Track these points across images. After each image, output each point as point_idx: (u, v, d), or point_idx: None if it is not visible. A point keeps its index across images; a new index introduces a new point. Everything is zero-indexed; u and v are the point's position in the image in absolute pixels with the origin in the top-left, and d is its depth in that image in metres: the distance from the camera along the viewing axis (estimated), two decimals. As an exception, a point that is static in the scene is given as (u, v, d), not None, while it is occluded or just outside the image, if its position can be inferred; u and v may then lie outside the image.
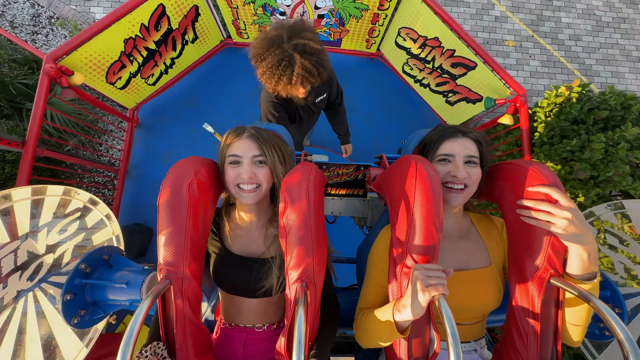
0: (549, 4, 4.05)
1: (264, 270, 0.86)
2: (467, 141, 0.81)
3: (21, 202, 0.92)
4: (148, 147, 2.86)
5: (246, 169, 0.80)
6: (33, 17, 3.48)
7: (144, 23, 2.16)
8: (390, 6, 2.40)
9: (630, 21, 4.11)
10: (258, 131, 0.85)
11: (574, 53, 3.94)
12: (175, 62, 2.69)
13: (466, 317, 0.83)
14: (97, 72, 2.19)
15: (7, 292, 0.82)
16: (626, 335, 0.52)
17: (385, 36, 2.81)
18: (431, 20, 2.30)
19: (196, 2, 2.35)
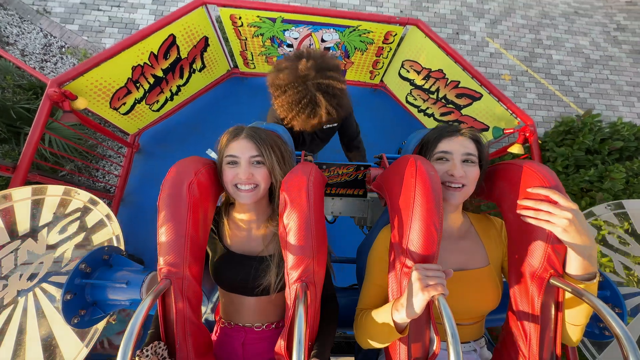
0: (540, 43, 4.29)
1: (262, 268, 0.86)
2: (464, 139, 0.81)
3: (21, 202, 0.91)
4: (146, 174, 2.77)
5: (243, 169, 0.80)
6: (44, 47, 3.57)
7: (153, 51, 2.19)
8: (394, 40, 2.48)
9: (617, 59, 4.34)
10: (256, 131, 0.84)
11: (567, 87, 4.09)
12: (182, 89, 2.70)
13: (465, 318, 0.83)
14: (101, 97, 2.16)
15: (8, 292, 0.81)
16: (626, 335, 0.52)
17: (389, 68, 2.88)
18: (435, 54, 2.37)
19: (206, 33, 2.42)
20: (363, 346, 0.79)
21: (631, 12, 4.71)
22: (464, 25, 4.22)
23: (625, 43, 4.46)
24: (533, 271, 0.69)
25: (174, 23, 2.13)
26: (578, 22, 4.52)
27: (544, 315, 0.68)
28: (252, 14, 2.26)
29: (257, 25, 2.38)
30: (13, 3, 3.71)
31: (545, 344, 0.69)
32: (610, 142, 1.76)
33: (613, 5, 4.74)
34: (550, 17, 4.49)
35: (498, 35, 4.23)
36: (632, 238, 1.05)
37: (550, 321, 0.69)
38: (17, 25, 3.63)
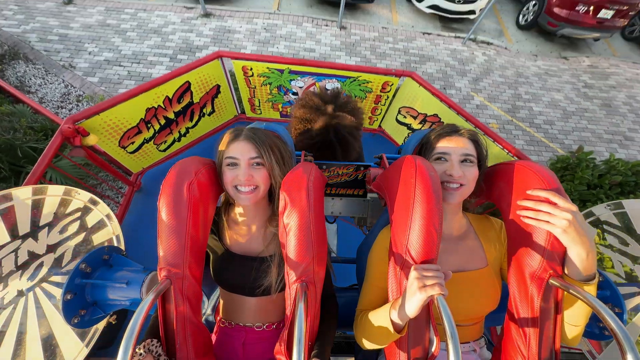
0: (519, 97, 4.74)
1: (262, 269, 0.86)
2: (463, 140, 0.81)
3: (22, 202, 0.90)
4: (144, 213, 2.68)
5: (243, 171, 0.79)
6: (63, 95, 3.82)
7: (168, 95, 2.34)
8: (391, 89, 2.72)
9: (591, 111, 4.76)
10: (256, 132, 0.84)
11: (552, 134, 4.38)
12: (190, 131, 2.81)
13: (464, 319, 0.83)
14: (112, 135, 2.23)
15: (8, 291, 0.81)
16: (624, 335, 0.52)
17: (387, 114, 3.09)
18: (430, 100, 2.57)
19: (219, 81, 2.63)
20: (363, 347, 0.78)
21: (594, 73, 5.35)
22: (449, 82, 4.70)
23: (596, 98, 4.95)
24: (532, 271, 0.69)
25: (191, 72, 2.33)
26: (550, 81, 5.08)
27: (543, 315, 0.68)
28: (263, 65, 2.50)
29: (266, 76, 2.61)
30: (42, 59, 4.08)
31: (544, 344, 0.69)
32: (609, 177, 1.81)
33: (577, 68, 5.40)
34: (525, 76, 5.05)
35: (481, 90, 4.68)
36: (632, 238, 1.05)
37: (549, 321, 0.69)
38: (41, 77, 3.93)
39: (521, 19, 5.89)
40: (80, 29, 4.45)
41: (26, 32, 4.30)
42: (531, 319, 0.69)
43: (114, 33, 4.47)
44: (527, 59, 5.36)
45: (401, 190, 0.73)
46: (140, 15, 4.75)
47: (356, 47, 4.88)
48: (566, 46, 5.83)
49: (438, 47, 5.14)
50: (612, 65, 5.50)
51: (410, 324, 0.66)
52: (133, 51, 4.31)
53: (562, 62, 5.47)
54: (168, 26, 4.66)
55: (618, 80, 5.26)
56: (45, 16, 4.53)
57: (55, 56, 4.13)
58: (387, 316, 0.66)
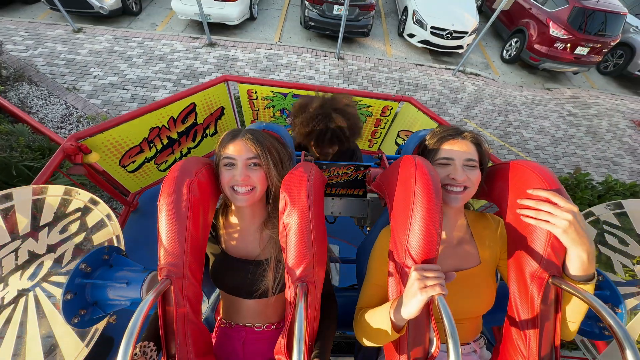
0: (509, 124, 4.96)
1: (259, 273, 0.86)
2: (466, 143, 0.81)
3: (22, 202, 0.90)
4: (139, 234, 2.58)
5: (240, 171, 0.79)
6: (64, 116, 3.84)
7: (173, 116, 2.37)
8: (391, 113, 2.82)
9: (578, 138, 4.98)
10: (254, 133, 0.84)
11: (543, 159, 4.52)
12: (192, 151, 2.81)
13: (459, 318, 0.82)
14: (113, 154, 2.21)
15: (8, 291, 0.81)
16: (624, 334, 0.52)
17: (386, 137, 3.17)
18: (428, 124, 2.66)
19: (223, 104, 2.69)
20: (363, 344, 0.78)
21: (577, 102, 5.68)
22: (443, 109, 4.92)
23: (581, 125, 5.21)
24: (533, 271, 0.69)
25: (198, 94, 2.39)
26: (537, 109, 5.36)
27: (543, 315, 0.68)
28: (267, 89, 2.59)
29: (270, 99, 2.69)
30: (46, 81, 4.15)
31: (544, 344, 0.69)
32: (608, 197, 1.84)
33: (560, 98, 5.74)
34: (513, 104, 5.33)
35: (473, 117, 4.89)
36: (632, 238, 1.05)
37: (549, 321, 0.69)
38: (43, 98, 3.97)
39: (505, 54, 6.35)
40: (88, 54, 4.60)
41: (33, 56, 4.42)
42: (531, 319, 0.69)
43: (120, 59, 4.63)
44: (514, 90, 5.69)
45: (401, 190, 0.74)
46: (147, 43, 4.96)
47: (353, 75, 5.13)
48: (548, 78, 6.25)
49: (430, 77, 5.44)
50: (592, 96, 5.87)
51: (410, 324, 0.65)
52: (138, 76, 4.44)
53: (546, 92, 5.82)
54: (173, 54, 4.86)
55: (599, 110, 5.58)
56: (54, 42, 4.68)
57: (60, 79, 4.21)
58: (387, 316, 0.66)
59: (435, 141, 0.85)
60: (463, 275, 0.83)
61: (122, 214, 2.56)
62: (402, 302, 0.62)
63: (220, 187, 0.87)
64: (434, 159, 0.84)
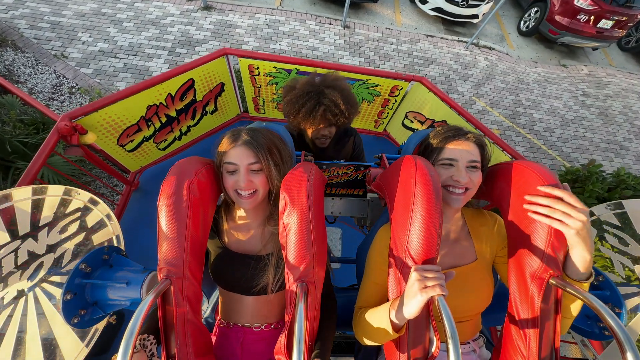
0: (520, 103, 4.78)
1: (260, 267, 0.86)
2: (470, 144, 0.80)
3: (22, 202, 0.89)
4: (141, 213, 2.58)
5: (243, 177, 0.80)
6: (54, 86, 3.64)
7: (171, 93, 2.24)
8: (399, 94, 2.67)
9: (589, 120, 4.83)
10: (254, 136, 0.83)
11: (551, 142, 4.42)
12: (191, 129, 2.71)
13: (458, 316, 0.83)
14: (110, 133, 2.12)
15: (8, 291, 0.81)
16: (624, 334, 0.52)
17: (393, 118, 3.05)
18: (438, 106, 2.54)
19: (223, 79, 2.53)
20: (362, 343, 0.79)
21: (592, 82, 5.43)
22: (452, 86, 4.70)
23: (593, 107, 5.03)
24: (533, 271, 0.69)
25: (196, 69, 2.23)
26: (549, 88, 5.13)
27: (543, 315, 0.68)
28: (270, 64, 2.42)
29: (273, 75, 2.53)
30: (32, 47, 3.88)
31: (544, 344, 0.69)
32: (619, 190, 1.81)
33: (576, 76, 5.48)
34: (526, 82, 5.09)
35: (483, 96, 4.69)
36: (632, 238, 1.05)
37: (549, 321, 0.69)
38: (31, 66, 3.73)
39: (522, 26, 5.93)
40: (74, 17, 4.25)
41: (15, 17, 4.08)
42: (531, 319, 0.69)
43: (110, 23, 4.29)
44: (528, 66, 5.40)
45: (401, 190, 0.73)
46: (138, 5, 4.57)
47: (360, 47, 4.82)
48: (565, 54, 5.91)
49: (441, 50, 5.12)
50: (609, 74, 5.60)
51: (410, 324, 0.66)
52: (129, 42, 4.14)
53: (561, 69, 5.53)
54: (167, 18, 4.50)
55: (614, 90, 5.35)
56: (35, 2, 4.30)
57: (47, 45, 3.93)
58: (386, 316, 0.66)
59: (439, 141, 0.83)
60: (460, 271, 0.84)
61: (124, 193, 2.53)
62: (402, 302, 0.62)
63: (221, 187, 0.87)
64: (436, 159, 0.82)
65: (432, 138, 0.86)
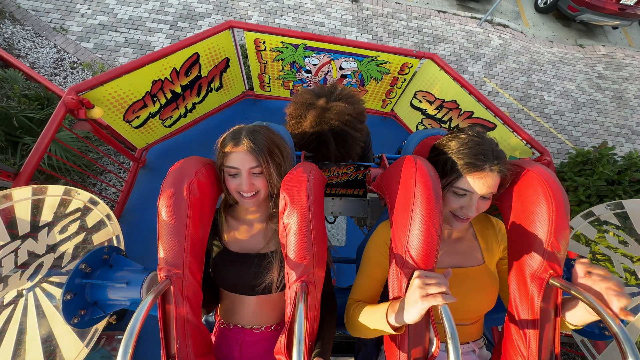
0: (532, 85, 4.63)
1: (264, 265, 0.86)
2: (492, 177, 0.73)
3: (22, 202, 0.89)
4: (149, 191, 2.62)
5: (245, 180, 0.80)
6: (56, 61, 3.57)
7: (175, 67, 2.19)
8: (409, 72, 2.59)
9: (602, 103, 4.69)
10: (255, 139, 0.82)
11: (561, 125, 4.33)
12: (196, 107, 2.68)
13: (461, 317, 0.83)
14: (116, 108, 2.10)
15: (8, 291, 0.81)
16: (624, 335, 0.52)
17: (401, 98, 2.98)
18: (449, 85, 2.47)
19: (228, 55, 2.47)
20: (352, 334, 0.81)
21: (608, 63, 5.21)
22: (462, 65, 4.54)
23: (608, 90, 4.86)
24: (533, 272, 0.69)
25: (201, 42, 2.17)
26: (564, 69, 4.95)
27: (543, 315, 0.68)
28: (276, 39, 2.34)
29: (279, 50, 2.45)
30: (30, 19, 3.76)
31: (544, 344, 0.69)
32: (629, 173, 1.79)
33: (592, 57, 5.25)
34: (539, 63, 4.90)
35: (494, 77, 4.54)
36: (632, 238, 1.05)
37: (549, 321, 0.69)
38: (31, 40, 3.64)
39: (540, 2, 5.62)
40: (71, -13, 4.07)
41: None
42: (531, 319, 0.69)
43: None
44: (543, 45, 5.17)
45: (401, 191, 0.73)
46: (137, -26, 4.35)
47: (368, 23, 4.62)
48: (583, 33, 5.63)
49: (453, 27, 4.90)
50: (627, 55, 5.36)
51: (410, 325, 0.65)
52: (130, 15, 4.00)
53: (578, 49, 5.30)
54: (168, -13, 4.30)
55: (631, 73, 5.14)
56: (30, -30, 4.11)
57: (45, 17, 3.81)
58: (384, 317, 0.66)
59: (461, 164, 0.73)
60: (466, 273, 0.83)
61: (132, 170, 2.56)
62: (402, 307, 0.61)
63: (221, 187, 0.88)
64: (451, 184, 0.75)
65: (453, 153, 0.76)
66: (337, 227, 2.55)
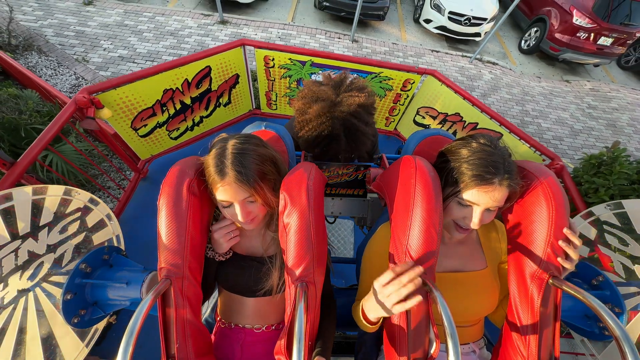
0: (527, 113, 4.81)
1: (263, 270, 0.86)
2: (501, 191, 0.68)
3: (22, 202, 0.89)
4: (147, 203, 2.52)
5: (240, 212, 0.76)
6: (73, 87, 3.75)
7: (187, 78, 2.28)
8: (412, 87, 2.70)
9: (598, 130, 4.82)
10: (243, 167, 0.71)
11: (562, 150, 4.38)
12: (204, 120, 2.73)
13: (462, 320, 0.83)
14: (125, 114, 2.12)
15: (8, 291, 0.81)
16: (624, 335, 0.52)
17: (404, 116, 3.06)
18: (452, 99, 2.55)
19: (238, 71, 2.59)
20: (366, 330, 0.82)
21: (596, 95, 5.50)
22: (458, 95, 4.77)
23: (600, 118, 5.04)
24: (533, 272, 0.69)
25: (214, 56, 2.29)
26: (555, 100, 5.20)
27: (542, 315, 0.68)
28: (285, 56, 2.48)
29: (287, 67, 2.58)
30: (56, 52, 4.07)
31: (544, 344, 0.68)
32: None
33: (580, 90, 5.56)
34: (531, 95, 5.17)
35: (490, 105, 4.74)
36: (632, 238, 1.04)
37: (549, 322, 0.69)
38: (52, 68, 3.89)
39: (523, 44, 6.16)
40: (98, 27, 4.50)
41: (43, 27, 4.33)
42: (531, 320, 0.69)
43: (131, 33, 4.53)
44: (532, 80, 5.52)
45: (401, 191, 0.73)
46: (158, 18, 4.85)
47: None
48: (567, 71, 6.06)
49: (446, 63, 5.28)
50: (612, 89, 5.68)
51: (410, 325, 0.66)
52: (148, 50, 4.34)
53: (565, 84, 5.64)
54: (184, 30, 4.75)
55: (620, 104, 5.40)
56: (64, 14, 4.59)
57: (70, 50, 4.12)
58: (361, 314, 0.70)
59: (469, 176, 0.69)
60: (469, 277, 0.83)
61: (132, 180, 2.49)
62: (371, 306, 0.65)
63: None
64: (456, 194, 0.72)
65: (462, 162, 0.71)
66: (344, 241, 2.42)
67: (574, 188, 1.94)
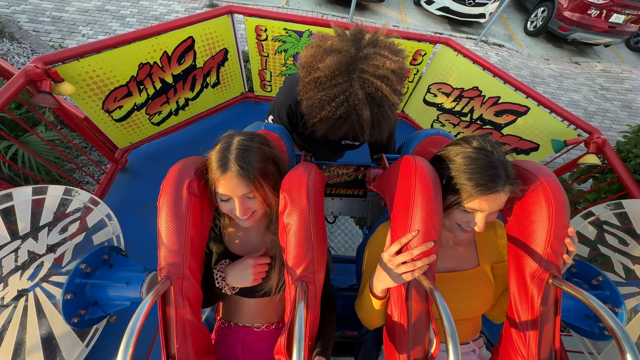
0: (538, 96, 4.54)
1: None
2: (503, 196, 0.69)
3: (22, 202, 0.88)
4: (126, 196, 2.22)
5: (238, 207, 0.76)
6: (48, 75, 3.44)
7: (167, 51, 1.97)
8: (423, 60, 2.41)
9: (613, 112, 4.56)
10: (245, 163, 0.73)
11: (577, 133, 4.11)
12: (190, 104, 2.42)
13: (459, 318, 0.84)
14: (94, 92, 1.81)
15: (8, 291, 0.81)
16: (624, 335, 0.52)
17: (412, 96, 2.77)
18: (468, 71, 2.26)
19: (227, 45, 2.28)
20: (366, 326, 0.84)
21: (608, 77, 5.24)
22: (465, 78, 4.49)
23: (615, 100, 4.79)
24: (533, 272, 0.69)
25: (196, 25, 1.98)
26: (566, 82, 4.93)
27: (542, 315, 0.68)
28: (279, 25, 2.18)
29: (282, 40, 2.28)
30: (30, 39, 3.73)
31: (544, 344, 0.68)
32: None
33: (590, 72, 5.30)
34: (541, 77, 4.89)
35: (499, 88, 4.47)
36: (632, 238, 1.04)
37: (549, 322, 0.68)
38: (26, 56, 3.56)
39: (529, 26, 5.88)
40: (76, 12, 4.17)
41: (16, 12, 3.99)
42: (531, 319, 0.69)
43: (112, 18, 4.19)
44: (540, 62, 5.24)
45: (401, 191, 0.73)
46: (142, 2, 4.52)
47: (367, 42, 4.69)
48: (575, 52, 5.79)
49: (451, 46, 4.99)
50: (624, 70, 5.42)
51: (410, 324, 0.66)
52: (131, 36, 4.01)
53: (574, 66, 5.37)
54: (171, 14, 4.42)
55: (634, 85, 5.14)
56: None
57: (45, 37, 3.79)
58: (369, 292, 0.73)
59: (471, 186, 0.68)
60: (461, 276, 0.85)
61: (109, 171, 2.18)
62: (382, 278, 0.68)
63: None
64: (460, 204, 0.71)
65: (460, 171, 0.70)
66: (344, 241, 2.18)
67: (622, 165, 1.67)
